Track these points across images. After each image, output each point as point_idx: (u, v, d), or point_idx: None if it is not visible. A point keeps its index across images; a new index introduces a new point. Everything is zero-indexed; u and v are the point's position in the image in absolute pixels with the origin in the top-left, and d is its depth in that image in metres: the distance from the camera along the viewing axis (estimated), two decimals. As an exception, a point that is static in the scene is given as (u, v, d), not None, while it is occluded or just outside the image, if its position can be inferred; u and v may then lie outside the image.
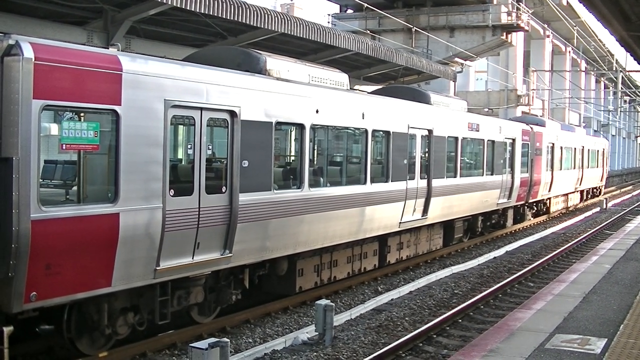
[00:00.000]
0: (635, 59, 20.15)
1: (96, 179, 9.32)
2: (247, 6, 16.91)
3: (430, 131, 17.49)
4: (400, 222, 16.20)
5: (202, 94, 10.18)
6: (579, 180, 35.44)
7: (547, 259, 19.20)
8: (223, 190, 10.69)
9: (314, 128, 12.97)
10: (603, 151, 42.91)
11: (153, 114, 9.37)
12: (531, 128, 26.79)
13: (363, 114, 14.33)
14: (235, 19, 16.68)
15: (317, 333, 11.14)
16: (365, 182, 14.59)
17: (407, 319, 12.85)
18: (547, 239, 24.73)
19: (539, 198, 28.74)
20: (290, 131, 13.22)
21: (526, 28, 40.87)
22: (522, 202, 26.54)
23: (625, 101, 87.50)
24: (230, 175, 10.78)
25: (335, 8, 42.59)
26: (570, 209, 35.96)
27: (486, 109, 43.23)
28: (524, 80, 53.98)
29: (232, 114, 10.76)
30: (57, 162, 9.30)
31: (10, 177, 7.76)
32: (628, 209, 36.45)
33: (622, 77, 60.40)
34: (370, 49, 23.27)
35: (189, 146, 10.33)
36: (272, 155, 11.67)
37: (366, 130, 14.52)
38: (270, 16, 17.84)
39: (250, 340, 11.24)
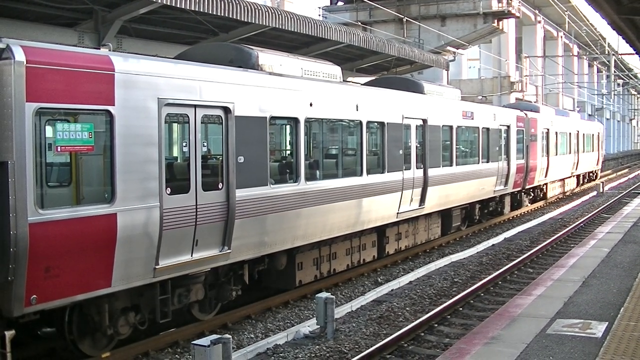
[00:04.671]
0: (627, 42, 20.12)
1: (92, 180, 9.30)
2: (237, 2, 16.88)
3: (424, 121, 17.49)
4: (397, 213, 16.21)
5: (196, 91, 10.16)
6: (575, 164, 35.48)
7: (545, 244, 19.22)
8: (219, 187, 10.68)
9: (308, 121, 12.95)
10: (598, 135, 42.93)
11: (147, 113, 9.36)
12: (525, 114, 26.79)
13: (357, 106, 14.33)
14: (226, 15, 16.66)
15: (318, 326, 11.15)
16: (361, 174, 14.58)
17: (407, 309, 12.87)
18: (545, 225, 24.76)
19: (535, 184, 28.76)
20: (285, 125, 13.22)
21: (517, 14, 40.85)
22: (519, 189, 26.56)
23: (618, 84, 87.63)
24: (227, 172, 10.77)
25: (326, 0, 42.57)
26: (567, 193, 36.01)
27: (480, 97, 43.31)
28: (516, 67, 54.01)
29: (226, 110, 10.75)
30: (53, 164, 9.28)
31: (6, 181, 7.75)
32: (625, 192, 36.50)
33: (615, 60, 60.46)
34: (362, 40, 23.24)
35: (184, 144, 10.32)
36: (268, 150, 11.67)
37: (360, 122, 14.51)
38: (260, 11, 17.81)
39: (252, 336, 11.26)
